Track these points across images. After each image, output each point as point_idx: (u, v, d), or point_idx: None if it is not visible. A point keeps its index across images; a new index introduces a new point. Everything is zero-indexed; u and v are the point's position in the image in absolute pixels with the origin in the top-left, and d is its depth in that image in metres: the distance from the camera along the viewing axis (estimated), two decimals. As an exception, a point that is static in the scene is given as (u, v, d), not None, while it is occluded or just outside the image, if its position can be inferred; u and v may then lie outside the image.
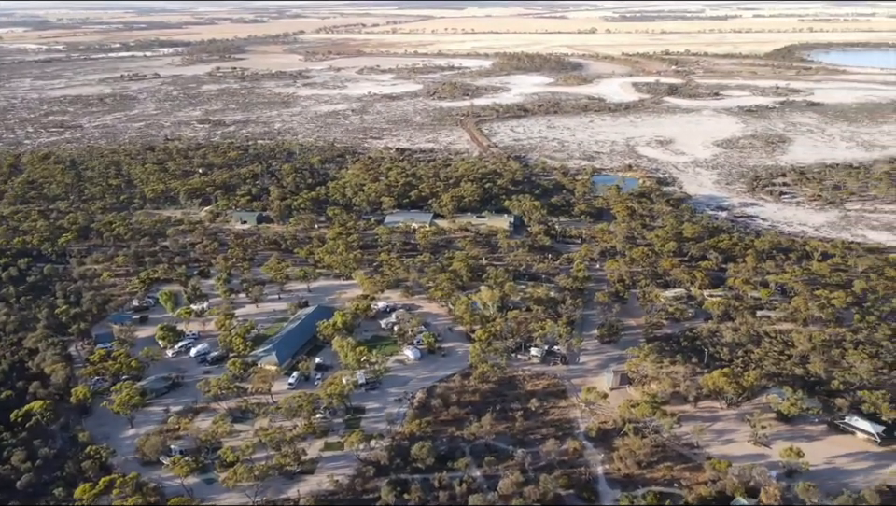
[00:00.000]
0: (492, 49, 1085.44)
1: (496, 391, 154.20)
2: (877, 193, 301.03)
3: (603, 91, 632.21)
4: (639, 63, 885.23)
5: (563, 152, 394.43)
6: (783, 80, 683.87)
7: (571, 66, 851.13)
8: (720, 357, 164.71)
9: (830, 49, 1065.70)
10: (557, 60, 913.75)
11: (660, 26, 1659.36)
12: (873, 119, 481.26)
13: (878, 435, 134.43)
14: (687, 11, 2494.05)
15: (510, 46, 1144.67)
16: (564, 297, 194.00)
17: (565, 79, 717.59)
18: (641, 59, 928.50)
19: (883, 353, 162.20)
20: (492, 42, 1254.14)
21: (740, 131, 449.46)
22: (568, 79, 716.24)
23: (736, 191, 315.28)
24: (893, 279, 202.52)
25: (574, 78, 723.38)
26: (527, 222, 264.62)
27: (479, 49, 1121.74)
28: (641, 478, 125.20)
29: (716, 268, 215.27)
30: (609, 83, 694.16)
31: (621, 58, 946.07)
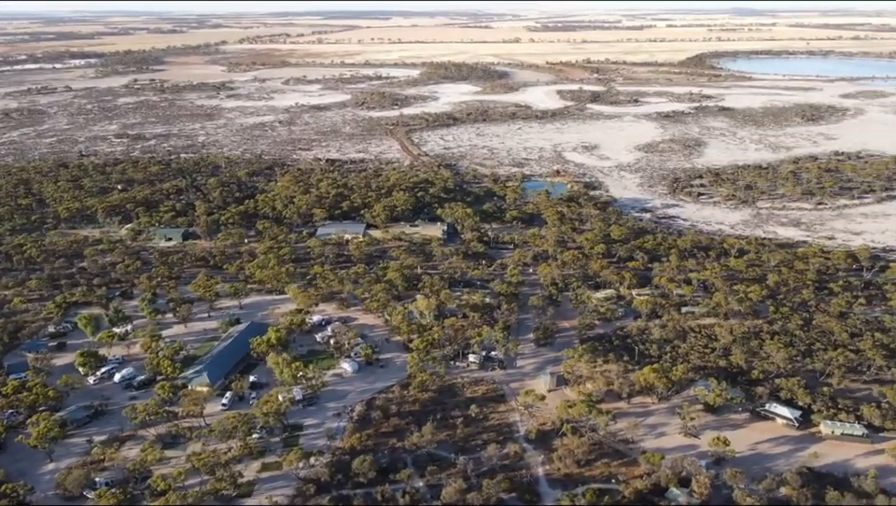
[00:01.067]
0: (419, 59, 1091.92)
1: (436, 400, 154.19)
2: (785, 192, 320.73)
3: (529, 99, 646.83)
4: (563, 71, 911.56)
5: (493, 159, 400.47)
6: (696, 87, 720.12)
7: (498, 75, 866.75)
8: (649, 353, 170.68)
9: (737, 56, 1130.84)
10: (484, 68, 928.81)
11: (581, 35, 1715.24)
12: (777, 122, 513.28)
13: (796, 420, 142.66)
14: (605, 21, 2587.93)
15: (437, 55, 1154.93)
16: (499, 302, 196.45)
17: (492, 88, 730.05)
18: (564, 67, 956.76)
19: (796, 341, 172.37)
20: (419, 51, 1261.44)
21: (659, 135, 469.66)
22: (496, 88, 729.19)
23: (658, 193, 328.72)
24: (802, 272, 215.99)
25: (501, 87, 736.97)
26: (461, 230, 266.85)
27: (406, 58, 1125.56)
28: (580, 476, 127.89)
29: (643, 268, 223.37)
30: (535, 91, 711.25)
31: (545, 66, 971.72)
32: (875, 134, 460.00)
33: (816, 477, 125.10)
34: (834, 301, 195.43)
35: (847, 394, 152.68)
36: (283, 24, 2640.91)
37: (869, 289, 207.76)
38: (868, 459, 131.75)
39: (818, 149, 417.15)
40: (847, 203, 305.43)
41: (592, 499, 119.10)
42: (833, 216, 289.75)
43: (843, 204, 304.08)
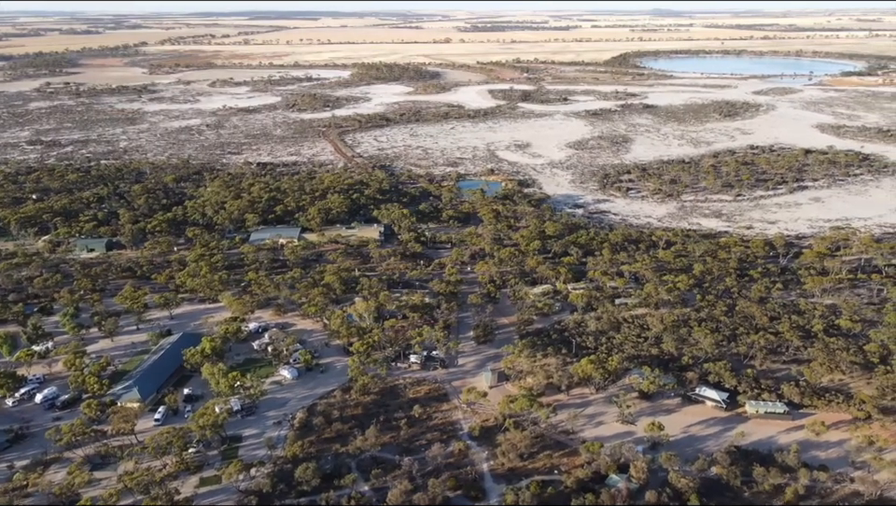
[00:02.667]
0: (350, 60, 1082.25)
1: (378, 402, 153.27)
2: (707, 185, 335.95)
3: (462, 99, 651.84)
4: (493, 70, 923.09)
5: (427, 159, 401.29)
6: (621, 85, 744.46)
7: (430, 75, 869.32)
8: (586, 345, 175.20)
9: (658, 56, 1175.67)
10: (416, 69, 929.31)
11: (509, 36, 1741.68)
12: (698, 118, 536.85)
13: (723, 402, 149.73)
14: (533, 22, 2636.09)
15: (367, 56, 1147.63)
16: (438, 302, 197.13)
17: (424, 88, 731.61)
18: (495, 67, 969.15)
19: (722, 327, 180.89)
20: (349, 52, 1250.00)
21: (589, 133, 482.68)
22: (428, 88, 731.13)
23: (590, 189, 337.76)
24: (725, 261, 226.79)
25: (433, 87, 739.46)
26: (397, 231, 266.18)
27: (336, 59, 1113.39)
28: (524, 470, 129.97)
29: (577, 262, 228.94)
30: (467, 91, 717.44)
31: (476, 66, 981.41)
32: (786, 129, 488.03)
33: (743, 455, 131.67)
34: (755, 287, 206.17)
35: (768, 374, 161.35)
36: (207, 25, 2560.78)
37: (785, 275, 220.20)
38: (790, 435, 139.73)
39: (735, 144, 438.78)
40: (763, 195, 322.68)
41: (536, 491, 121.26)
42: (751, 206, 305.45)
43: (759, 196, 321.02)
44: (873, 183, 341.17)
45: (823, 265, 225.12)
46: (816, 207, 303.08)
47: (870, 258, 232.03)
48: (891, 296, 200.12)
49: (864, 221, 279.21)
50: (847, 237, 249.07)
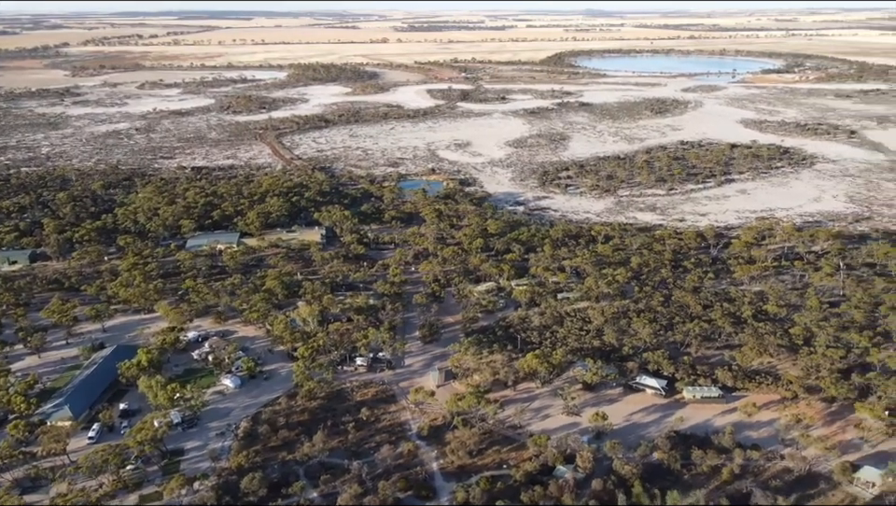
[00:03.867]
0: (286, 60, 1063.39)
1: (325, 407, 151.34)
2: (641, 180, 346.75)
3: (400, 99, 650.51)
4: (432, 70, 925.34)
5: (368, 160, 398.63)
6: (557, 84, 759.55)
7: (368, 75, 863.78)
8: (531, 340, 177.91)
9: (591, 55, 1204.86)
10: (353, 69, 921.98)
11: (447, 36, 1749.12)
12: (631, 115, 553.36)
13: (662, 389, 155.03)
14: (469, 22, 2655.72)
15: (304, 56, 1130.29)
16: (383, 303, 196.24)
17: (362, 88, 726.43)
18: (433, 67, 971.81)
19: (659, 317, 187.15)
20: (285, 53, 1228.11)
21: (527, 131, 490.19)
22: (366, 88, 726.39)
23: (530, 186, 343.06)
24: (660, 253, 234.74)
25: (371, 87, 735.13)
26: (339, 233, 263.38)
27: (272, 59, 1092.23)
28: (473, 466, 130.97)
29: (519, 259, 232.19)
30: (406, 91, 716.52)
31: (414, 66, 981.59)
32: (713, 124, 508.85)
33: (682, 439, 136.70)
34: (688, 277, 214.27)
35: (703, 360, 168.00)
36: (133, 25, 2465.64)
37: (716, 265, 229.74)
38: (724, 417, 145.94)
39: (666, 140, 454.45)
40: (694, 188, 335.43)
41: (485, 487, 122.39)
42: (683, 200, 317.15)
43: (690, 189, 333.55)
44: (793, 175, 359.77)
45: (750, 254, 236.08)
46: (742, 199, 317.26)
47: (792, 246, 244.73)
48: (813, 281, 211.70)
49: (786, 211, 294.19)
50: (772, 227, 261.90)
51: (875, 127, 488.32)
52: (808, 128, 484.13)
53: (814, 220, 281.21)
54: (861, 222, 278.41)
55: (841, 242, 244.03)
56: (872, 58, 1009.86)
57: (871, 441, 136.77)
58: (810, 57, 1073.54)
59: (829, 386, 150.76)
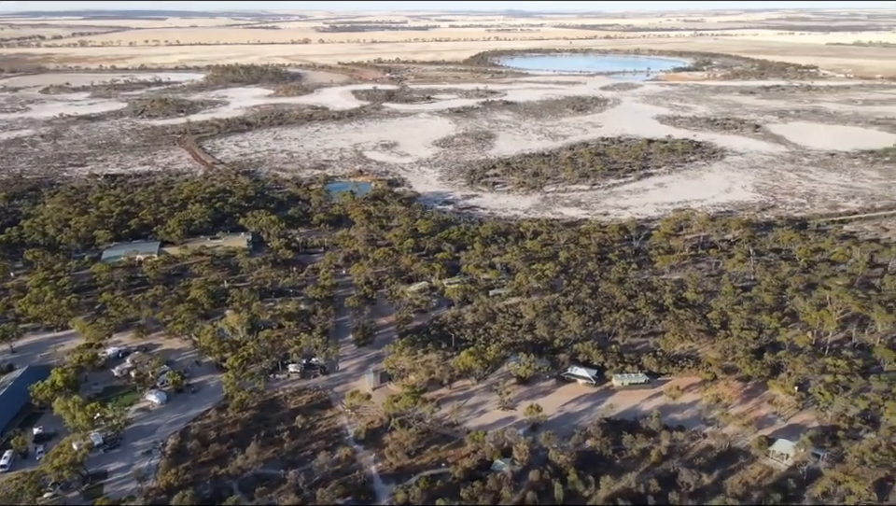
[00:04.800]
0: (203, 62, 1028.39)
1: (258, 417, 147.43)
2: (566, 176, 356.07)
3: (325, 100, 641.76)
4: (356, 71, 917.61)
5: (293, 163, 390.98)
6: (482, 83, 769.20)
7: (290, 77, 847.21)
8: (465, 338, 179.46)
9: (514, 55, 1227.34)
10: (275, 71, 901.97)
11: (370, 36, 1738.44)
12: (553, 113, 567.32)
13: (593, 378, 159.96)
14: (392, 22, 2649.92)
15: (222, 58, 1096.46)
16: (315, 308, 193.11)
17: (285, 90, 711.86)
18: (357, 67, 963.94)
19: (587, 309, 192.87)
20: (202, 54, 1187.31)
21: (453, 130, 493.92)
22: (289, 90, 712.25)
23: (458, 185, 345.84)
24: (586, 246, 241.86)
25: (294, 89, 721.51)
26: (267, 238, 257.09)
27: (188, 61, 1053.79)
28: (412, 467, 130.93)
29: (450, 258, 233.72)
30: (330, 92, 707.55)
31: (337, 67, 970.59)
32: (631, 121, 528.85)
33: (613, 425, 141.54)
34: (613, 268, 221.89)
35: (630, 348, 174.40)
36: (34, 25, 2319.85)
37: (638, 256, 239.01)
38: (651, 402, 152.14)
39: (588, 136, 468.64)
40: (615, 183, 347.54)
41: (425, 487, 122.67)
42: (606, 194, 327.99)
43: (612, 184, 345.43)
44: (705, 168, 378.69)
45: (670, 244, 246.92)
46: (660, 192, 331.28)
47: (707, 235, 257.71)
48: (726, 268, 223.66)
49: (701, 202, 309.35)
50: (688, 218, 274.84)
51: (777, 121, 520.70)
52: (717, 123, 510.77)
53: (725, 210, 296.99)
54: (768, 211, 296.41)
55: (750, 230, 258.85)
56: (771, 56, 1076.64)
57: (783, 415, 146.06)
58: (717, 56, 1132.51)
59: (744, 365, 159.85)
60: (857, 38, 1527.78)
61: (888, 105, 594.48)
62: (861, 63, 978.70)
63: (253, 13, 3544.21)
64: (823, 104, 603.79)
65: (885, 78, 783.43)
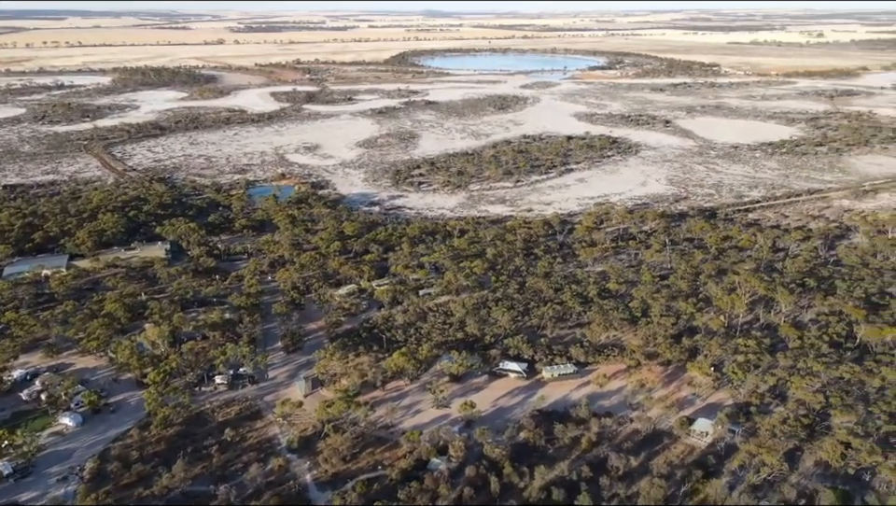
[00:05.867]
0: (109, 64, 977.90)
1: (184, 433, 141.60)
2: (490, 174, 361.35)
3: (243, 103, 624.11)
4: (274, 72, 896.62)
5: (212, 168, 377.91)
6: (403, 83, 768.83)
7: (205, 79, 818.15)
8: (396, 339, 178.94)
9: (434, 55, 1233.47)
10: (188, 73, 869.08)
11: (287, 36, 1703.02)
12: (475, 112, 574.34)
13: (524, 371, 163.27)
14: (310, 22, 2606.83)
15: (130, 60, 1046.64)
16: (240, 316, 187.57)
17: (200, 93, 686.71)
18: (275, 69, 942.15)
19: (516, 304, 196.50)
20: (107, 56, 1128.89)
21: (376, 131, 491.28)
22: (204, 92, 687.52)
23: (384, 186, 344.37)
24: (513, 242, 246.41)
25: (210, 91, 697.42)
26: (186, 246, 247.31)
27: (92, 63, 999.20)
28: (348, 472, 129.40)
29: (379, 259, 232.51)
30: (248, 94, 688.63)
31: (255, 68, 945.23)
32: (550, 118, 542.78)
33: (545, 416, 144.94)
34: (539, 263, 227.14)
35: (558, 340, 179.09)
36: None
37: (563, 250, 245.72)
38: (580, 391, 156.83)
39: (510, 134, 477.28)
40: (538, 179, 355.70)
41: (362, 491, 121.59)
42: (529, 190, 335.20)
43: (535, 180, 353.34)
44: (622, 162, 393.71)
45: (592, 237, 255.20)
46: (581, 187, 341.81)
47: (626, 227, 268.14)
48: (645, 258, 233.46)
49: (619, 196, 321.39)
50: (608, 211, 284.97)
51: (685, 117, 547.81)
52: (631, 119, 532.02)
53: (642, 203, 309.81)
54: (680, 202, 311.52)
55: (665, 221, 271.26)
56: (677, 55, 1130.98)
57: (701, 395, 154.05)
58: (628, 55, 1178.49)
59: (664, 350, 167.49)
60: (754, 37, 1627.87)
61: (783, 99, 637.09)
62: (758, 60, 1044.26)
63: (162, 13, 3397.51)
64: (726, 99, 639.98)
65: (779, 75, 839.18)
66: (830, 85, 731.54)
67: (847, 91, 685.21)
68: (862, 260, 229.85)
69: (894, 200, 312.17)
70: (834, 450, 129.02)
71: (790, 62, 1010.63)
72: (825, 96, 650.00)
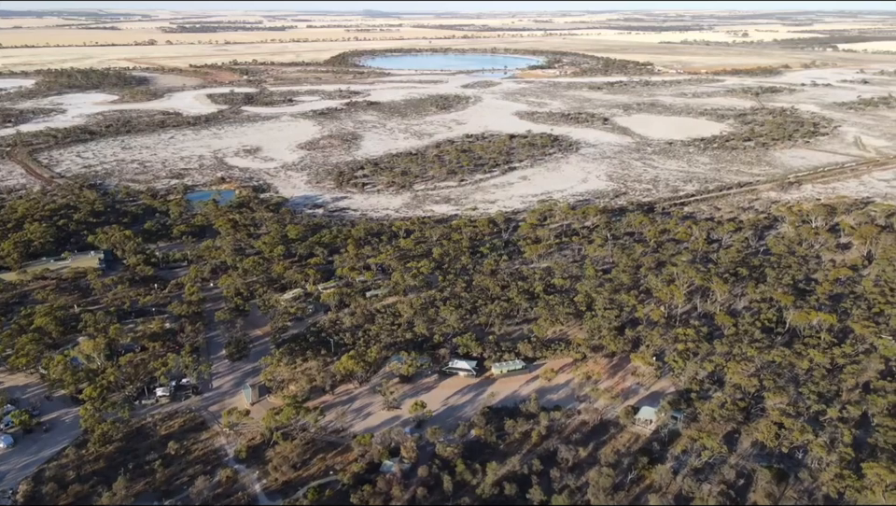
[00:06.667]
0: (31, 66, 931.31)
1: (124, 449, 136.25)
2: (434, 173, 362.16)
3: (178, 105, 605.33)
4: (210, 74, 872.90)
5: (147, 173, 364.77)
6: (344, 84, 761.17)
7: (136, 81, 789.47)
8: (345, 342, 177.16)
9: (375, 55, 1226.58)
10: (118, 74, 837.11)
11: (223, 37, 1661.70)
12: (418, 112, 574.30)
13: (473, 369, 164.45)
14: (246, 22, 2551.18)
15: (55, 61, 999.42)
16: (182, 325, 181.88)
17: (132, 95, 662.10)
18: (211, 70, 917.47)
19: (464, 302, 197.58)
20: (29, 58, 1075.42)
21: (318, 132, 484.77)
22: (136, 95, 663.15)
23: (327, 188, 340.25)
24: (458, 241, 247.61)
25: (142, 94, 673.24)
26: (122, 255, 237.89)
27: (13, 65, 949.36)
28: (299, 479, 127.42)
29: (324, 262, 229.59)
30: (183, 96, 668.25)
31: (189, 70, 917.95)
32: (492, 117, 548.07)
33: (495, 413, 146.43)
34: (486, 261, 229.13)
35: (506, 337, 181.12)
36: None
37: (508, 247, 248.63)
38: (529, 386, 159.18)
39: (453, 134, 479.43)
40: (482, 178, 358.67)
41: (314, 498, 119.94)
42: (474, 189, 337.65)
43: (479, 179, 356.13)
44: (563, 160, 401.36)
45: (536, 234, 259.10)
46: (524, 185, 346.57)
47: (569, 223, 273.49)
48: (588, 253, 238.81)
49: (561, 193, 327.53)
50: (551, 208, 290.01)
51: (622, 114, 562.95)
52: (571, 117, 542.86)
53: (584, 199, 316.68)
54: (620, 197, 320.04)
55: (606, 216, 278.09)
56: (613, 54, 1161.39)
57: (645, 384, 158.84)
58: (566, 54, 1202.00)
59: (609, 342, 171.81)
60: (684, 37, 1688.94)
61: (713, 97, 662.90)
62: (689, 59, 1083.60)
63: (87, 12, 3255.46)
64: (660, 97, 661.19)
65: (709, 73, 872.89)
66: (755, 82, 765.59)
67: (770, 87, 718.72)
68: (789, 248, 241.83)
69: (816, 191, 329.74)
70: (769, 431, 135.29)
71: (718, 60, 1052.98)
72: (751, 93, 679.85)
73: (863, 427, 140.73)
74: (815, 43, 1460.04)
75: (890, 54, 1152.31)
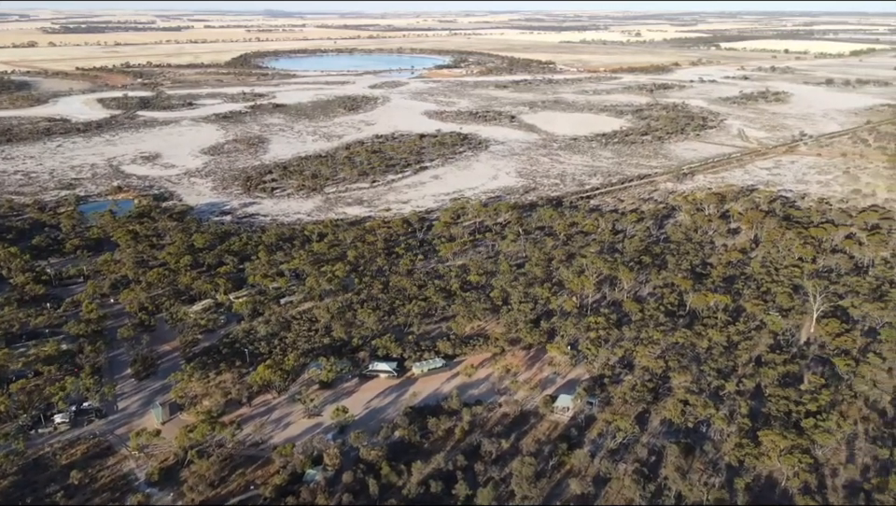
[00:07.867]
0: None
1: (20, 483, 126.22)
2: (345, 175, 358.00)
3: (65, 111, 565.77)
4: (100, 77, 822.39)
5: (33, 185, 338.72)
6: (247, 86, 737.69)
7: (16, 85, 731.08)
8: (260, 351, 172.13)
9: (279, 56, 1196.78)
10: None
11: (112, 38, 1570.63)
12: (326, 113, 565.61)
13: (394, 370, 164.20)
14: (138, 22, 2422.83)
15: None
16: (80, 345, 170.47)
17: (11, 101, 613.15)
18: (101, 73, 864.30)
19: (381, 304, 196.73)
20: None
21: (222, 137, 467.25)
22: (16, 101, 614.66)
23: (234, 194, 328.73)
24: (373, 243, 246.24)
25: (23, 99, 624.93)
26: (7, 274, 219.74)
27: None
28: (218, 497, 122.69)
29: (234, 270, 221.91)
30: (70, 101, 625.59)
31: (76, 73, 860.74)
32: (402, 117, 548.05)
33: (418, 412, 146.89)
34: (402, 262, 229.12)
35: (426, 336, 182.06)
36: None
37: (423, 246, 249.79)
38: (450, 383, 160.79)
39: (362, 135, 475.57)
40: (394, 178, 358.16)
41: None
42: (386, 190, 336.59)
43: (391, 179, 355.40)
44: (473, 158, 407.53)
45: (450, 233, 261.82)
46: (437, 184, 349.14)
47: (482, 220, 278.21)
48: (501, 249, 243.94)
49: (473, 190, 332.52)
50: (464, 206, 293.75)
51: (528, 112, 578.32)
52: (479, 116, 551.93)
53: (495, 196, 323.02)
54: (530, 193, 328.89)
55: (517, 212, 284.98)
56: (517, 53, 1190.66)
57: (561, 373, 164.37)
58: (472, 53, 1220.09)
59: (525, 335, 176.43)
60: (582, 37, 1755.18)
61: (612, 94, 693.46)
62: (588, 58, 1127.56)
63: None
64: (563, 95, 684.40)
65: (607, 71, 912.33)
66: (649, 80, 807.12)
67: (663, 84, 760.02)
68: (686, 235, 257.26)
69: (708, 180, 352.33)
70: (675, 408, 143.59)
71: (615, 59, 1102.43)
72: (646, 90, 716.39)
73: (757, 398, 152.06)
74: (700, 42, 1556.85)
75: (766, 52, 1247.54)
